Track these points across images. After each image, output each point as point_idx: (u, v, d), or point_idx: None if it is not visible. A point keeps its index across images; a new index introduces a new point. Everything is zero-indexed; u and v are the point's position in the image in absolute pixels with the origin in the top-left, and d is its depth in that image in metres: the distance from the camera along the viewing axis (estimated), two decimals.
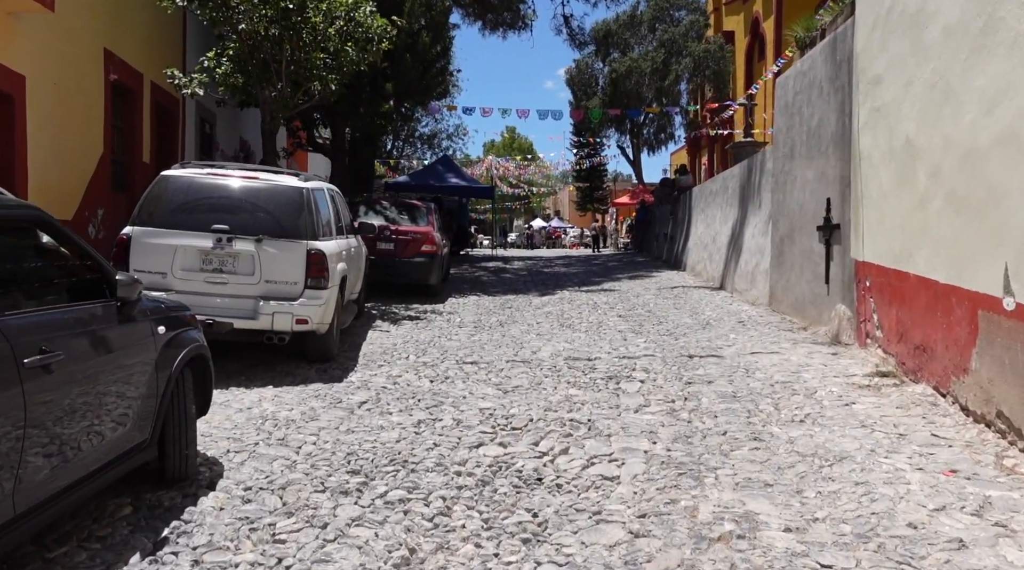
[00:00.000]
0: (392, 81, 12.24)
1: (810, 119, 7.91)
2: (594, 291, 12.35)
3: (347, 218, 8.31)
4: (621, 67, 34.40)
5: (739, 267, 11.05)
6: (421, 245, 10.80)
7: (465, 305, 10.66)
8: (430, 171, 20.62)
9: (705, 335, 7.80)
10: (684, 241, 16.08)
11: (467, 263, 19.07)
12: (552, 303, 10.90)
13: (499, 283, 13.85)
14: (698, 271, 14.07)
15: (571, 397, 5.38)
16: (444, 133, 42.18)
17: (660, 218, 20.15)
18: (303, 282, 5.96)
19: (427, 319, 9.31)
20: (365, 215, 11.32)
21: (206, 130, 14.32)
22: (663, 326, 8.54)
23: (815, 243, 7.69)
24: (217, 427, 4.63)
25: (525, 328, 8.67)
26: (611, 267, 17.54)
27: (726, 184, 12.88)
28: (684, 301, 10.62)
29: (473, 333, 8.33)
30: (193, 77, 9.82)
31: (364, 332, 8.24)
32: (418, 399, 5.38)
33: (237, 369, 6.23)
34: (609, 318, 9.26)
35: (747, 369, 6.03)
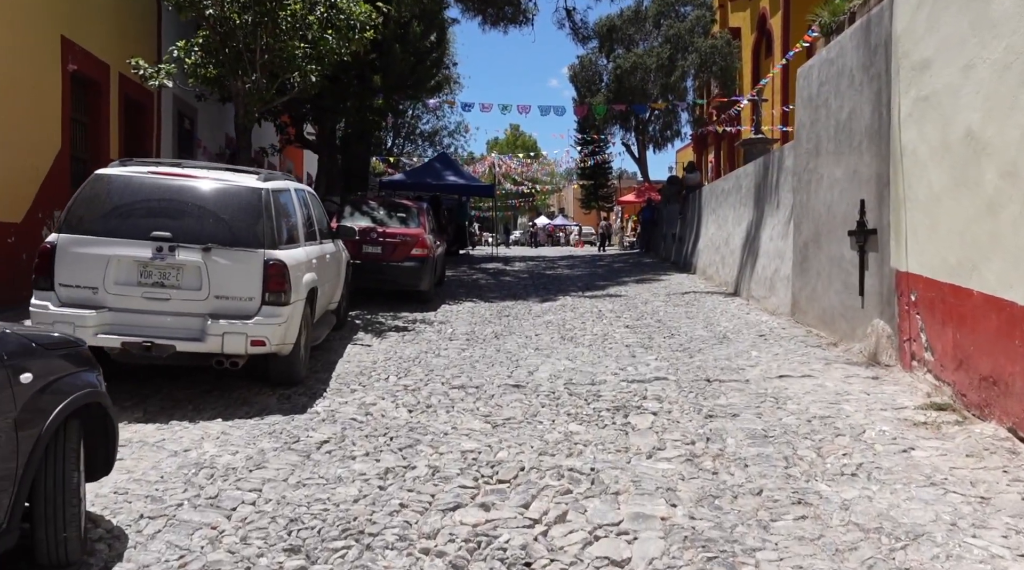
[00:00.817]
0: (380, 73, 11.41)
1: (838, 112, 7.05)
2: (599, 297, 11.51)
3: (323, 221, 7.49)
4: (626, 63, 33.51)
5: (756, 272, 10.20)
6: (411, 248, 9.97)
7: (459, 313, 9.84)
8: (427, 169, 19.79)
9: (723, 351, 6.96)
10: (694, 242, 15.23)
11: (466, 264, 18.25)
12: (553, 311, 10.07)
13: (498, 287, 13.03)
14: (709, 275, 13.22)
15: (571, 435, 4.55)
16: (445, 130, 41.41)
17: (668, 217, 19.29)
18: (260, 297, 5.14)
19: (415, 330, 8.49)
20: (351, 216, 10.51)
21: (185, 126, 13.52)
22: (675, 340, 7.70)
23: (846, 249, 6.84)
24: (139, 479, 3.82)
25: (522, 341, 7.84)
26: (617, 269, 16.70)
27: (739, 182, 12.03)
28: (697, 309, 9.77)
29: (464, 347, 7.51)
30: (160, 68, 9.00)
31: (342, 347, 7.43)
32: (391, 437, 4.56)
33: (186, 397, 5.42)
34: (615, 329, 8.42)
35: (776, 398, 5.19)
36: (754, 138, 20.04)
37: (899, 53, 5.67)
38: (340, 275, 7.95)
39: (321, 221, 7.35)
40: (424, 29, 11.77)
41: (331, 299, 7.69)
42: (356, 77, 11.48)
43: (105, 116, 10.27)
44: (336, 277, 7.69)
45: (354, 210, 10.58)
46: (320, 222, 7.21)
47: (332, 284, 7.50)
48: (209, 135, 15.02)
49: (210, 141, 15.06)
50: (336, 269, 7.68)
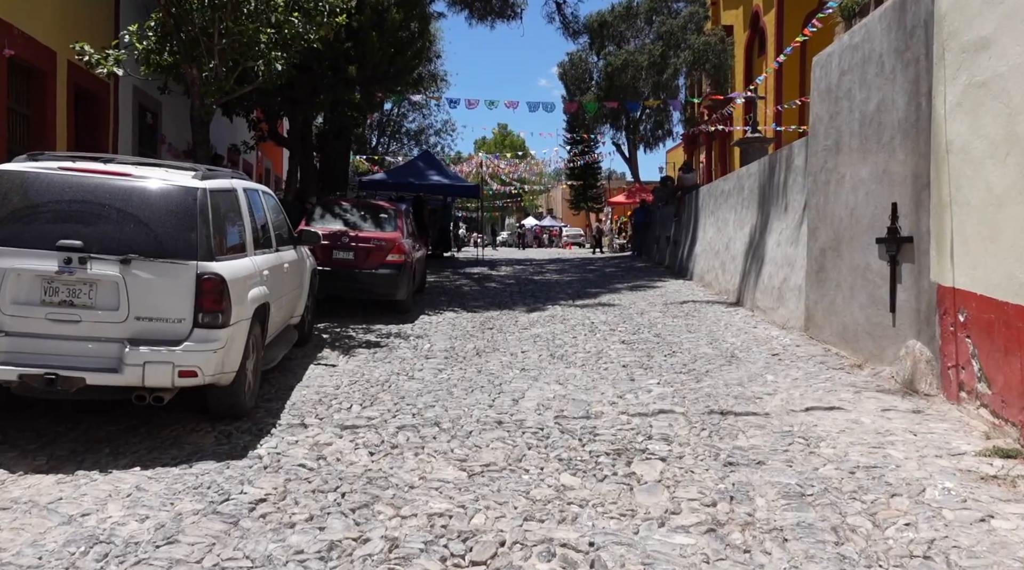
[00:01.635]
0: (356, 64, 10.54)
1: (864, 103, 6.28)
2: (591, 306, 10.70)
3: (284, 226, 6.63)
4: (617, 60, 32.76)
5: (761, 280, 9.42)
6: (386, 254, 9.12)
7: (438, 325, 8.99)
8: (410, 168, 18.90)
9: (734, 374, 6.16)
10: (690, 246, 14.46)
11: (450, 268, 17.39)
12: (542, 322, 9.24)
13: (482, 294, 12.19)
14: (708, 281, 12.45)
15: (563, 490, 3.73)
16: (432, 129, 40.51)
17: (661, 220, 18.54)
18: (191, 319, 4.28)
19: (389, 346, 7.64)
20: (321, 218, 9.64)
21: (147, 121, 12.57)
22: (677, 358, 6.89)
23: (873, 259, 6.06)
24: (6, 564, 2.96)
25: (507, 360, 7.01)
26: (609, 274, 15.90)
27: (741, 183, 11.26)
28: (698, 321, 8.98)
29: (442, 368, 6.67)
30: (109, 54, 8.10)
31: (303, 367, 6.57)
32: (343, 493, 3.72)
33: (105, 435, 4.55)
34: (610, 346, 7.61)
35: (806, 438, 4.39)
36: (751, 137, 19.35)
37: (944, 33, 4.89)
38: (303, 285, 7.09)
39: (280, 226, 6.48)
40: (404, 17, 10.92)
41: (292, 313, 6.83)
42: (330, 67, 10.61)
43: (51, 108, 9.33)
44: (298, 288, 6.83)
45: (325, 212, 9.71)
46: (279, 227, 6.34)
47: (293, 296, 6.64)
48: (175, 131, 14.07)
49: (176, 137, 14.10)
50: (298, 279, 6.82)
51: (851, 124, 6.53)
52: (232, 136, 16.13)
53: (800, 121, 29.15)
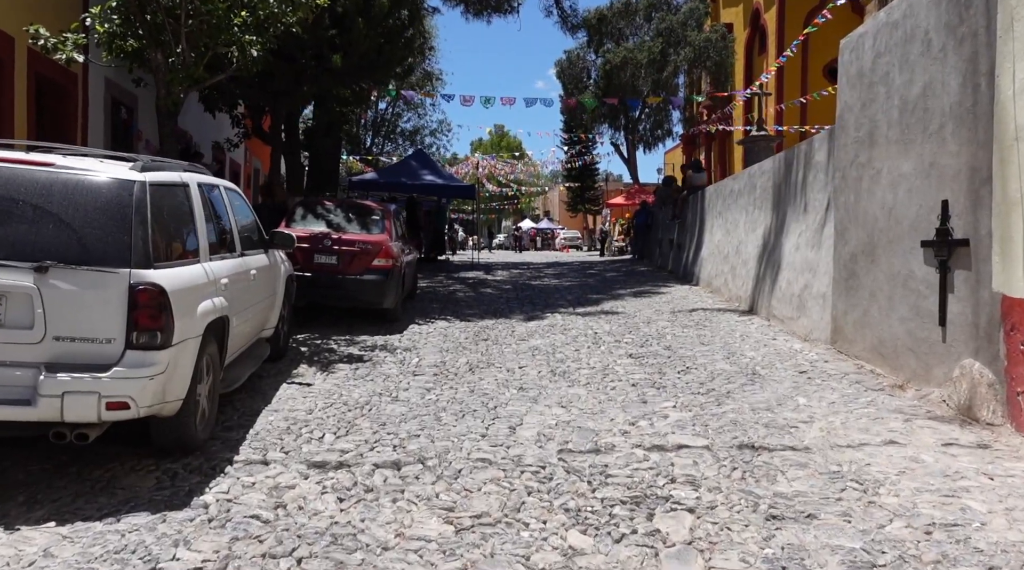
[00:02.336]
0: (341, 53, 9.82)
1: (905, 88, 5.58)
2: (593, 314, 9.99)
3: (253, 228, 5.91)
4: (615, 58, 32.08)
5: (778, 287, 8.72)
6: (372, 258, 8.39)
7: (429, 336, 8.27)
8: (402, 167, 18.17)
9: (759, 395, 5.45)
10: (696, 250, 13.76)
11: (443, 272, 16.67)
12: (541, 332, 8.53)
13: (477, 301, 11.47)
14: (716, 287, 11.75)
15: (572, 554, 3.01)
16: (427, 129, 39.80)
17: (663, 221, 17.85)
18: (123, 339, 3.55)
19: (373, 360, 6.92)
20: (303, 220, 8.91)
21: (121, 115, 11.83)
22: (693, 376, 6.18)
23: (916, 264, 5.37)
24: None
25: (503, 377, 6.29)
26: (610, 279, 15.19)
27: (753, 182, 10.57)
28: (711, 332, 8.27)
29: (430, 387, 5.95)
30: (67, 37, 7.36)
31: (275, 386, 5.84)
32: (300, 558, 3.00)
33: (30, 476, 3.82)
34: (617, 360, 6.90)
35: (860, 481, 3.68)
36: (756, 135, 18.68)
37: (1012, 1, 4.20)
38: (277, 294, 6.37)
39: (249, 228, 5.76)
40: (392, 3, 10.21)
41: (263, 325, 6.11)
42: (313, 56, 9.89)
43: (8, 100, 8.59)
44: (270, 297, 6.11)
45: (307, 213, 8.99)
46: (246, 229, 5.62)
47: (263, 306, 5.92)
48: (153, 127, 13.34)
49: (152, 133, 13.37)
50: (270, 287, 6.10)
51: (889, 112, 5.84)
52: (216, 133, 15.39)
53: (802, 121, 28.59)
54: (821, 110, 28.40)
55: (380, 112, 38.54)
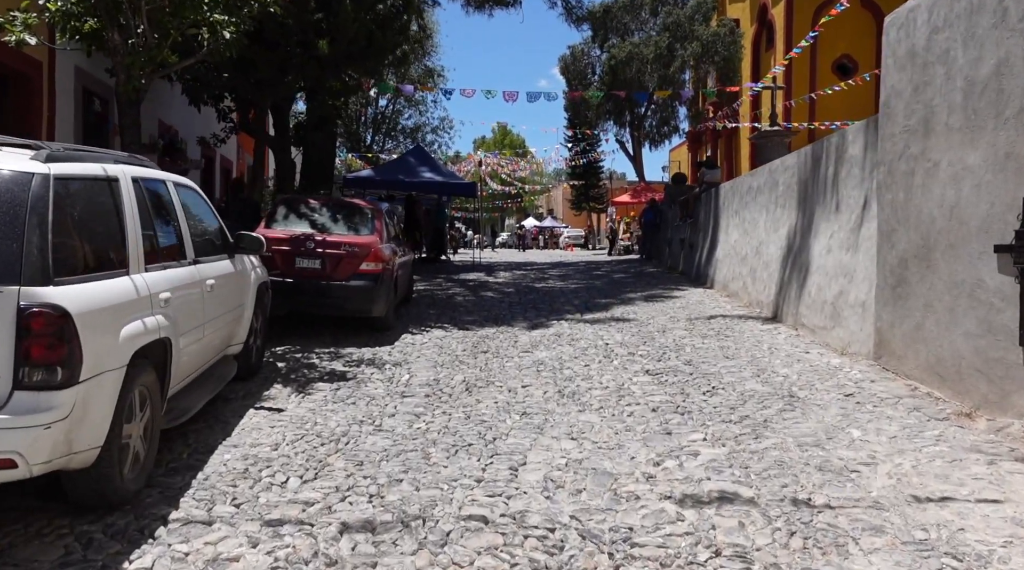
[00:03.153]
0: (328, 38, 9.03)
1: (972, 67, 4.77)
2: (603, 321, 9.19)
3: (212, 230, 5.13)
4: (620, 53, 31.24)
5: (806, 293, 7.92)
6: (360, 262, 7.61)
7: (422, 348, 7.49)
8: (400, 164, 17.37)
9: (802, 425, 4.65)
10: (710, 250, 12.96)
11: (443, 274, 15.89)
12: (546, 343, 7.74)
13: (477, 306, 10.68)
14: (734, 291, 10.95)
15: None
16: (428, 126, 38.95)
17: (673, 220, 17.04)
18: (9, 377, 2.78)
19: (357, 379, 6.14)
20: (284, 219, 8.14)
21: (95, 108, 11.05)
22: (721, 398, 5.39)
23: (987, 272, 4.57)
24: None
25: (504, 398, 5.51)
26: (618, 281, 14.39)
27: (775, 178, 9.76)
28: (734, 343, 7.47)
29: (420, 412, 5.17)
30: (15, 16, 6.59)
31: (241, 411, 5.07)
32: None
33: None
34: (633, 378, 6.11)
35: (958, 555, 2.88)
36: (769, 130, 17.90)
37: None
38: (245, 305, 5.60)
39: (206, 231, 4.99)
40: None
41: (228, 341, 5.34)
42: (299, 43, 9.11)
43: None
44: (236, 309, 5.33)
45: (289, 212, 8.21)
46: (202, 232, 4.84)
47: (228, 320, 5.15)
48: None
49: None
50: (236, 297, 5.33)
51: (949, 95, 5.03)
52: (204, 128, 14.61)
53: (810, 117, 27.74)
54: (830, 107, 27.66)
55: (380, 109, 37.79)
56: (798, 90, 28.56)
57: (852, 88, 23.40)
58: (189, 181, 4.92)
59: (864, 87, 25.39)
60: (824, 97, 25.36)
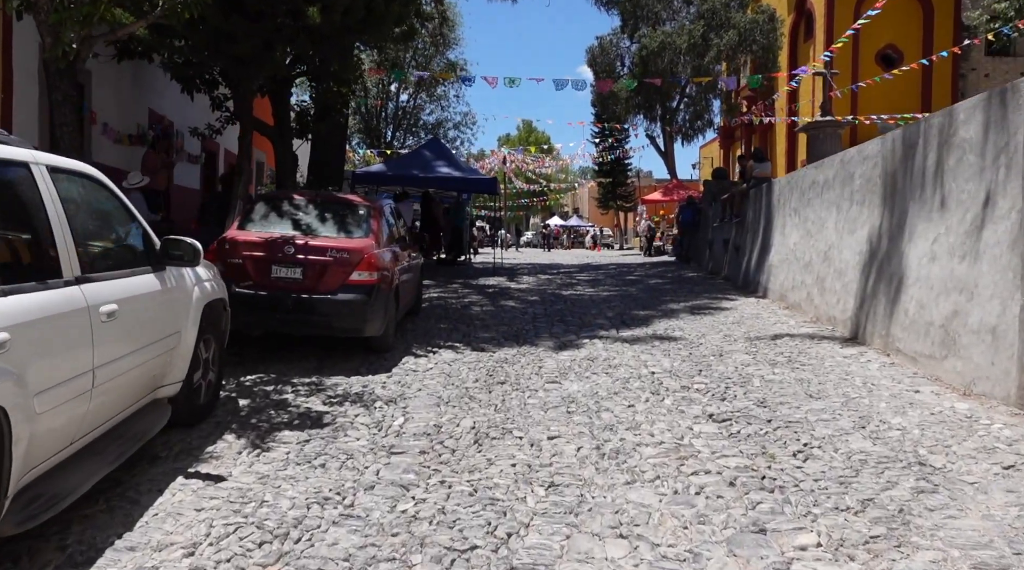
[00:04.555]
0: (319, 5, 7.67)
1: None
2: (644, 340, 7.73)
3: (122, 234, 3.79)
4: (652, 43, 29.58)
5: (900, 310, 6.39)
6: (350, 270, 6.25)
7: (426, 377, 6.10)
8: (415, 158, 16.01)
9: (961, 523, 3.17)
10: (761, 254, 11.40)
11: (461, 278, 14.50)
12: (577, 370, 6.31)
13: (496, 319, 9.26)
14: (794, 302, 9.40)
15: None
16: (450, 122, 37.62)
17: (714, 220, 15.47)
18: None
19: (336, 424, 4.77)
20: (263, 219, 6.80)
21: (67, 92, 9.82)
22: (821, 464, 3.92)
23: None
24: None
25: (524, 458, 4.11)
26: (655, 287, 12.87)
27: (849, 170, 8.21)
28: (814, 374, 5.97)
29: (410, 481, 3.79)
30: None
31: (162, 482, 3.73)
32: None
33: None
34: (693, 426, 4.65)
35: None
36: (821, 120, 16.29)
37: None
38: (184, 332, 4.25)
39: (110, 237, 3.65)
40: None
41: (153, 383, 4.01)
42: (287, 12, 7.77)
43: None
44: (165, 340, 4.00)
45: (268, 211, 6.86)
46: (98, 238, 3.50)
47: (153, 355, 3.82)
48: (115, 108, 11.37)
49: (116, 116, 11.40)
50: (163, 325, 3.99)
51: None
52: (201, 120, 13.40)
53: (852, 110, 25.91)
54: (872, 100, 25.86)
55: (401, 104, 36.61)
56: (839, 82, 26.84)
57: (896, 81, 21.87)
58: (82, 166, 3.56)
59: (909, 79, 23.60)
60: (865, 90, 23.75)
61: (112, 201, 3.80)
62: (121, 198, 3.85)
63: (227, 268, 6.11)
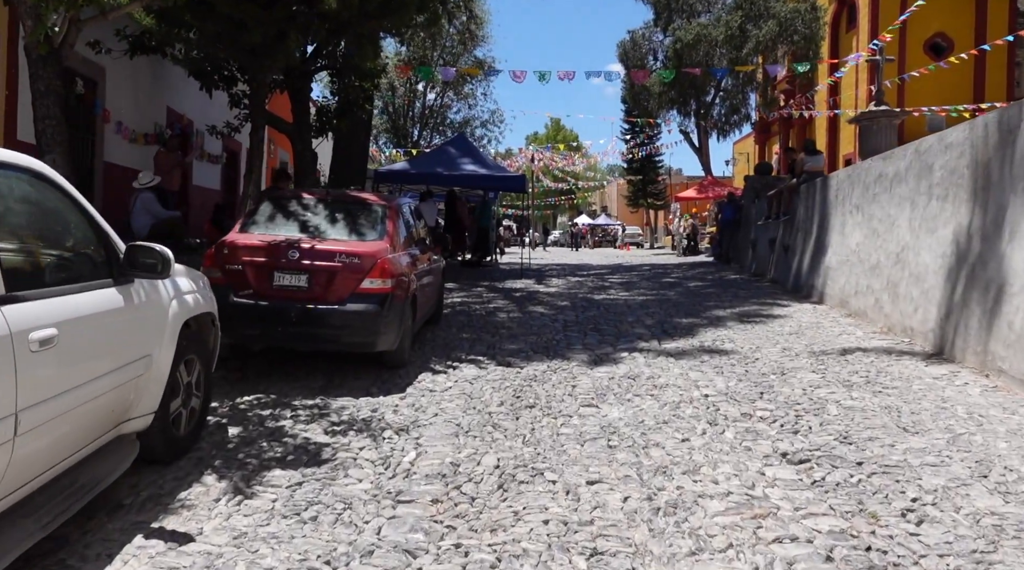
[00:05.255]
0: None
1: None
2: (690, 353, 6.88)
3: (70, 239, 3.10)
4: (687, 35, 28.54)
5: (1001, 323, 5.46)
6: (361, 277, 5.52)
7: (444, 398, 5.35)
8: (439, 155, 15.29)
9: None
10: (815, 255, 10.46)
11: (486, 281, 13.75)
12: (616, 390, 5.51)
13: (523, 327, 8.47)
14: (859, 309, 8.46)
15: None
16: (477, 120, 36.90)
17: (758, 217, 14.50)
18: None
19: (335, 461, 4.04)
20: (268, 221, 6.11)
21: (76, 89, 9.30)
22: (942, 533, 3.07)
23: None
24: None
25: (559, 515, 3.34)
26: (696, 291, 11.97)
27: (926, 162, 7.26)
28: (901, 399, 5.07)
29: (417, 544, 3.05)
30: None
31: (117, 541, 3.03)
32: None
33: None
34: (766, 470, 3.82)
35: None
36: (875, 110, 15.16)
37: None
38: (156, 356, 3.55)
39: (52, 243, 2.96)
40: None
41: (118, 418, 3.32)
42: None
43: None
44: (129, 367, 3.30)
45: (275, 211, 6.17)
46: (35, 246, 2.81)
47: (112, 386, 3.13)
48: (131, 106, 10.86)
49: (132, 115, 10.89)
50: (126, 349, 3.29)
51: None
52: (217, 117, 12.85)
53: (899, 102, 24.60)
54: (920, 91, 24.54)
55: (429, 103, 36.02)
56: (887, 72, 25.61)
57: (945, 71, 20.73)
58: (22, 159, 2.86)
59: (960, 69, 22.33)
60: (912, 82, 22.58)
61: (63, 201, 3.11)
62: (77, 199, 3.16)
63: (226, 275, 5.44)
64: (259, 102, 8.51)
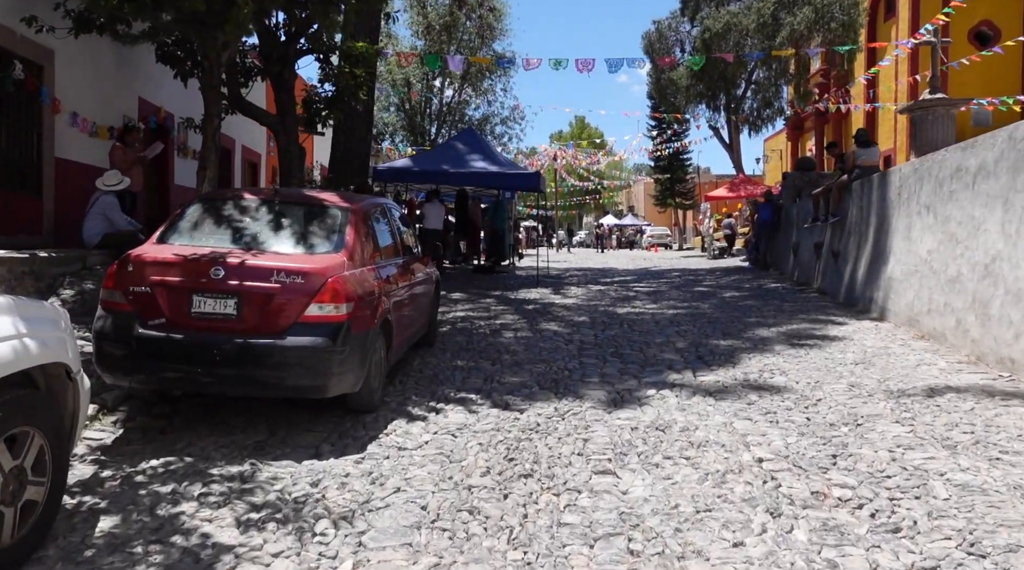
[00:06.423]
0: None
1: None
2: (733, 392, 5.52)
3: None
4: (716, 24, 26.96)
5: None
6: (305, 301, 4.27)
7: (413, 461, 4.07)
8: (446, 151, 14.00)
9: None
10: (872, 262, 9.00)
11: (498, 290, 12.44)
12: (641, 450, 4.20)
13: (531, 351, 7.15)
14: (934, 330, 7.01)
15: None
16: (497, 116, 35.56)
17: (801, 219, 13.02)
18: None
19: None
20: (194, 228, 4.88)
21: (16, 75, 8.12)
22: None
23: None
24: None
25: None
26: (732, 302, 10.54)
27: (1020, 151, 5.80)
28: None
29: None
30: None
31: None
32: None
33: None
34: None
35: None
36: (930, 99, 13.60)
37: None
38: None
39: None
40: None
41: None
42: None
43: None
44: None
45: (204, 217, 4.93)
46: None
47: None
48: (90, 95, 9.71)
49: (92, 105, 9.74)
50: None
51: None
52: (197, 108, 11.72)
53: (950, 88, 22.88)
54: (964, 82, 22.79)
55: (446, 100, 34.82)
56: (925, 63, 23.92)
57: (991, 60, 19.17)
58: None
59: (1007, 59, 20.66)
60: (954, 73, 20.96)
61: None
62: None
63: (132, 300, 4.23)
64: (212, 83, 7.32)
